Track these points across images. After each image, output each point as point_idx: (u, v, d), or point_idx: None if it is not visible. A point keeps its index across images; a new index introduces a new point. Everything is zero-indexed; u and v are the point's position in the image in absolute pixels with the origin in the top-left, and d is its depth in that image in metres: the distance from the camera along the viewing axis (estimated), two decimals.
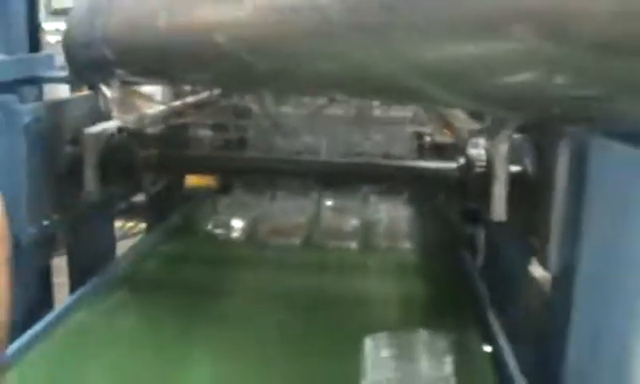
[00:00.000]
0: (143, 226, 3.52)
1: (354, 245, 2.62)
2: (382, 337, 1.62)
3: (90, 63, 1.81)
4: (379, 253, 2.60)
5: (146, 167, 2.21)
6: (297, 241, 2.65)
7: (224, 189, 3.14)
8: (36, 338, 1.78)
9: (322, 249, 2.61)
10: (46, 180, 2.01)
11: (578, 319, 1.73)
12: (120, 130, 2.18)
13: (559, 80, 0.90)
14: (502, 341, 1.83)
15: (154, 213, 2.95)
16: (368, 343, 1.62)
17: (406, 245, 2.64)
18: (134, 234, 3.45)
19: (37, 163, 1.97)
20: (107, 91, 1.94)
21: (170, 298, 2.13)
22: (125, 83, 1.93)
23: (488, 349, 1.83)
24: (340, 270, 2.46)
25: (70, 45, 1.86)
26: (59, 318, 1.91)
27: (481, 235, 2.63)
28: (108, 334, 1.91)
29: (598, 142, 1.59)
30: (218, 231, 2.73)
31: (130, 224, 3.85)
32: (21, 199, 1.88)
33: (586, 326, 1.72)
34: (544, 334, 1.86)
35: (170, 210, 2.98)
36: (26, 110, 1.96)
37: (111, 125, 2.19)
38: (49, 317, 1.90)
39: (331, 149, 2.60)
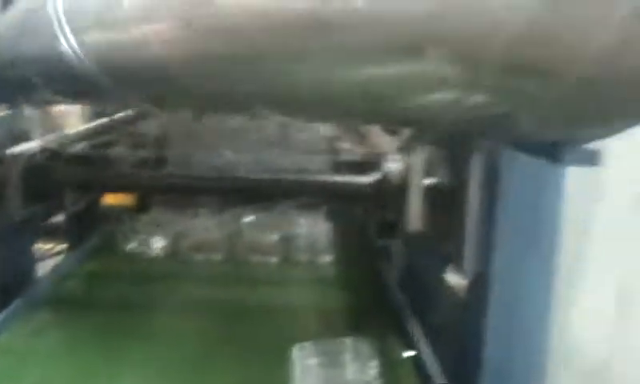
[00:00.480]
0: (61, 247, 3.47)
1: (274, 259, 2.67)
2: (309, 345, 1.67)
3: (13, 83, 1.80)
4: (299, 266, 2.65)
5: (68, 187, 2.21)
6: (218, 256, 2.67)
7: (143, 207, 3.12)
8: None
9: (244, 263, 2.64)
10: None
11: (493, 321, 1.83)
12: (43, 150, 2.17)
13: (470, 99, 0.99)
14: (422, 344, 1.90)
15: (74, 233, 2.92)
16: (295, 352, 1.67)
17: (326, 258, 2.70)
18: (52, 256, 3.39)
19: None
20: (30, 111, 1.93)
21: (94, 317, 2.13)
22: (47, 103, 1.93)
23: (410, 353, 1.90)
24: (262, 283, 2.51)
25: None
26: None
27: (397, 246, 2.72)
28: (32, 355, 1.90)
29: (508, 154, 1.69)
30: (140, 249, 2.73)
31: (48, 245, 3.78)
32: None
33: (500, 327, 1.83)
34: (462, 336, 1.95)
35: (89, 229, 2.95)
36: None
37: (33, 145, 2.18)
38: None
39: (250, 166, 2.64)
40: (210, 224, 2.81)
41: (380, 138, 2.41)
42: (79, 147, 2.40)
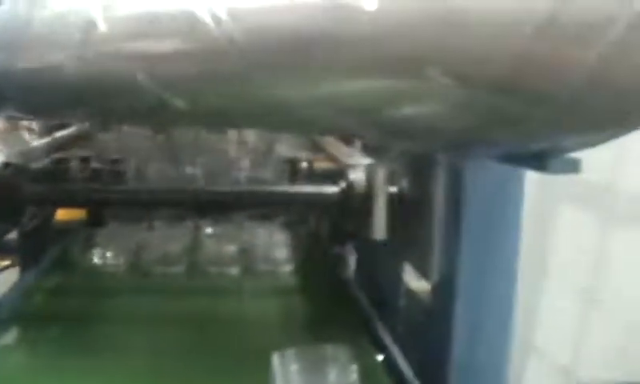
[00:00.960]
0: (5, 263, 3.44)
1: (234, 270, 2.70)
2: (289, 353, 1.71)
3: None
4: (260, 276, 2.69)
5: (33, 202, 2.20)
6: (179, 269, 2.69)
7: (96, 222, 3.10)
8: None
9: (205, 275, 2.66)
10: None
11: (458, 324, 1.90)
12: (5, 165, 2.16)
13: (457, 115, 1.06)
14: (392, 348, 1.97)
15: (27, 250, 2.90)
16: (275, 359, 1.71)
17: (286, 267, 2.74)
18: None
19: None
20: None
21: (57, 332, 2.12)
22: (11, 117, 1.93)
23: (380, 357, 1.95)
24: (225, 294, 2.53)
25: None
26: None
27: (359, 254, 2.79)
28: None
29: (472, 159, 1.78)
30: (98, 263, 2.72)
31: None
32: None
33: (465, 330, 1.90)
34: (428, 339, 2.02)
35: (42, 245, 2.93)
36: None
37: None
38: None
39: (207, 177, 2.67)
40: (169, 237, 2.83)
41: (338, 149, 2.47)
42: (41, 163, 2.39)
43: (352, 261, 2.81)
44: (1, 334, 2.09)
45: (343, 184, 2.21)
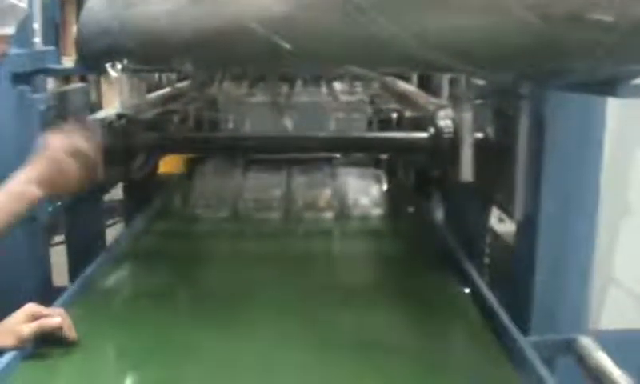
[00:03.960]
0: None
1: (329, 214, 2.85)
2: None
3: (104, 51, 1.96)
4: (353, 219, 2.83)
5: (143, 149, 2.40)
6: (276, 214, 2.85)
7: (192, 175, 3.26)
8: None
9: (302, 220, 2.81)
10: None
11: (541, 261, 2.01)
12: (119, 116, 2.36)
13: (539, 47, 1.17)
14: (478, 281, 2.08)
15: (132, 201, 3.07)
16: None
17: (377, 210, 2.88)
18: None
19: None
20: (114, 78, 2.10)
21: (174, 269, 2.26)
22: (130, 71, 2.10)
23: (467, 289, 2.07)
24: (321, 236, 2.70)
25: (84, 32, 2.01)
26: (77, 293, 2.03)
27: (438, 199, 2.90)
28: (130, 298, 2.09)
29: (553, 102, 1.87)
30: (201, 211, 2.91)
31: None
32: None
33: (548, 266, 2.01)
34: (513, 275, 2.14)
35: (146, 197, 3.08)
36: (40, 100, 2.14)
37: (110, 112, 2.37)
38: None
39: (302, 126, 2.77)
40: (264, 185, 2.98)
41: (426, 99, 2.58)
42: (150, 114, 2.58)
43: (439, 207, 2.92)
44: (115, 271, 2.26)
45: (432, 130, 2.34)
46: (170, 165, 3.52)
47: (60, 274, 2.40)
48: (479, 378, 1.58)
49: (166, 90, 2.81)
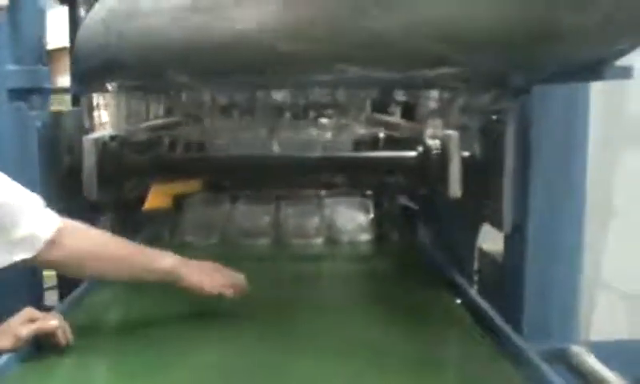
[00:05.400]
0: None
1: (318, 240, 2.88)
2: None
3: (100, 70, 1.98)
4: (343, 246, 2.88)
5: (134, 172, 2.43)
6: (265, 241, 2.88)
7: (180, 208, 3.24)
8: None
9: (291, 246, 2.85)
10: (54, 181, 2.21)
11: (531, 271, 2.05)
12: (112, 137, 2.39)
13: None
14: (471, 292, 2.12)
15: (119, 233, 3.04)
16: None
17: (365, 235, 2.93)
18: None
19: (45, 165, 2.18)
20: (108, 100, 2.14)
21: (163, 293, 2.21)
22: (125, 90, 2.13)
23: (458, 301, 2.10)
24: (310, 259, 2.74)
25: (81, 51, 2.02)
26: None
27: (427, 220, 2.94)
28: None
29: (538, 105, 1.93)
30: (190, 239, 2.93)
31: None
32: None
33: (537, 278, 2.05)
34: (503, 285, 2.17)
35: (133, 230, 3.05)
36: (36, 117, 2.17)
37: (105, 133, 2.40)
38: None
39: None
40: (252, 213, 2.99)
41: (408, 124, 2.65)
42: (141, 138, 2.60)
43: (427, 226, 2.95)
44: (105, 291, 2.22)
45: (420, 149, 2.39)
46: (157, 200, 3.51)
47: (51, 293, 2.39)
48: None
49: (153, 122, 2.83)
